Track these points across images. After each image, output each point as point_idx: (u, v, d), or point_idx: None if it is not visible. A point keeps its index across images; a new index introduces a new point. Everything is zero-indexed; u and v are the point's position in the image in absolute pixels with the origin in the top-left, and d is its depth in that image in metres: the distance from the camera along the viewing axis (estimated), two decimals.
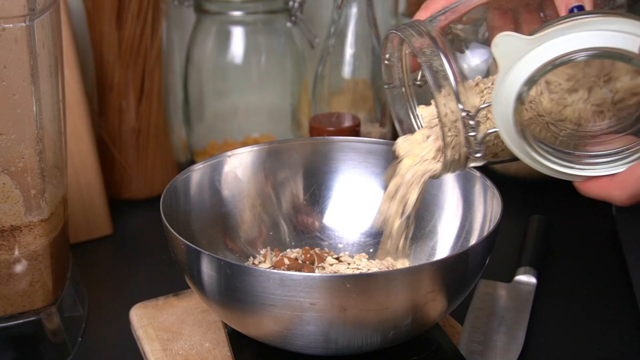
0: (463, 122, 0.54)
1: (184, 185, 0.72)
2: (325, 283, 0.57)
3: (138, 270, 0.88)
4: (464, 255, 0.61)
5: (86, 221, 0.92)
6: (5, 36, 0.61)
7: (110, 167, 1.00)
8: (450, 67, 0.54)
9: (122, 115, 0.98)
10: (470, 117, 0.54)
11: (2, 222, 0.65)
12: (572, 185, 0.58)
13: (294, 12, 1.02)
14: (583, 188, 0.57)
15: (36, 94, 0.64)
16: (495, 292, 0.80)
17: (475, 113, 0.54)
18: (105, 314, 0.79)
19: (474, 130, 0.54)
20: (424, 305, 0.60)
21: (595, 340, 0.75)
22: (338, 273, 0.71)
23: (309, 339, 0.60)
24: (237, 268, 0.59)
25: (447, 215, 0.74)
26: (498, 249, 0.67)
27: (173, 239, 0.63)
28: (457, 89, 0.54)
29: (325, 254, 0.75)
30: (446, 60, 0.54)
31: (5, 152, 0.64)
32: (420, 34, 0.55)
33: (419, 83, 0.63)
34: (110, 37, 0.95)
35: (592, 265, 0.87)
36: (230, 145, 1.04)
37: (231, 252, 0.75)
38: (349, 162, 0.79)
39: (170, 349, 0.70)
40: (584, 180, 0.56)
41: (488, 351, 0.71)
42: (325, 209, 0.79)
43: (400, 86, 0.64)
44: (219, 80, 1.04)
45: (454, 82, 0.54)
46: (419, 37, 0.55)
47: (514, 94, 0.51)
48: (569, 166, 0.56)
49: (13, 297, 0.68)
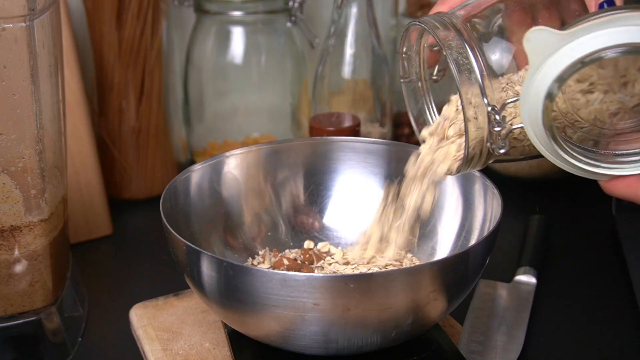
0: (488, 117, 0.53)
1: (183, 186, 0.72)
2: (328, 283, 0.57)
3: (138, 270, 0.88)
4: (464, 255, 0.61)
5: (86, 221, 0.92)
6: (5, 36, 0.61)
7: (110, 167, 1.00)
8: (476, 60, 0.53)
9: (122, 115, 0.98)
10: (496, 111, 0.52)
11: (2, 222, 0.65)
12: (572, 185, 0.58)
13: (294, 12, 1.02)
14: (609, 187, 0.55)
15: (36, 94, 0.64)
16: (495, 292, 0.80)
17: (501, 108, 0.53)
18: (105, 314, 0.79)
19: (499, 125, 0.53)
20: (425, 305, 0.60)
21: (595, 340, 0.75)
22: (339, 273, 0.71)
23: (311, 339, 0.60)
24: (239, 269, 0.59)
25: (447, 215, 0.74)
26: (498, 249, 0.67)
27: (174, 240, 0.63)
28: (483, 83, 0.52)
29: (325, 254, 0.75)
30: (472, 53, 0.52)
31: (5, 152, 0.64)
32: (445, 26, 0.54)
33: (435, 77, 0.62)
34: (110, 37, 0.95)
35: (592, 265, 0.87)
36: (230, 145, 1.04)
37: (230, 252, 0.75)
38: (349, 162, 0.79)
39: (170, 349, 0.70)
40: (609, 179, 0.55)
41: (488, 351, 0.71)
42: (325, 209, 0.79)
43: (416, 80, 0.63)
44: (219, 80, 1.04)
45: (480, 76, 0.52)
46: (444, 29, 0.54)
47: (544, 91, 0.50)
48: (595, 164, 0.54)
49: (13, 297, 0.68)
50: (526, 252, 0.85)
